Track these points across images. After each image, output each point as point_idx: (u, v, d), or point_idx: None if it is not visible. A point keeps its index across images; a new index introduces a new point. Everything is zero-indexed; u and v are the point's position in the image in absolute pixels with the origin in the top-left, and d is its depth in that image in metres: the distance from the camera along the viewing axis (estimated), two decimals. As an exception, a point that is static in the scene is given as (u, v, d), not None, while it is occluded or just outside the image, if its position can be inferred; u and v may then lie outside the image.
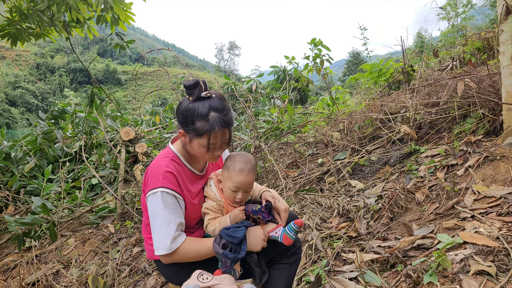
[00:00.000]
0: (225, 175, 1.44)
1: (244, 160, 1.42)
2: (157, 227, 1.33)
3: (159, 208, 1.33)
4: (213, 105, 1.33)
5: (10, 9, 3.93)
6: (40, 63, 75.89)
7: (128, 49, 4.73)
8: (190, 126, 1.34)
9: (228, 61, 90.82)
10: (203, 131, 1.32)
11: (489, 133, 2.83)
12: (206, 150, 1.36)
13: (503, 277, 1.40)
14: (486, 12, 19.30)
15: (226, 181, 1.43)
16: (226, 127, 1.34)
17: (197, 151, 1.40)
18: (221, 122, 1.32)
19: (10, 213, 3.88)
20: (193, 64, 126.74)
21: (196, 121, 1.32)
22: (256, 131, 4.35)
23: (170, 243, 1.31)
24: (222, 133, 1.34)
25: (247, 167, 1.41)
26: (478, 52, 4.92)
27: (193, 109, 1.32)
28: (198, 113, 1.31)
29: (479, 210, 2.00)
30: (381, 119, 3.73)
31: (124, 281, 2.57)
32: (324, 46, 5.44)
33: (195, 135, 1.34)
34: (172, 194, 1.35)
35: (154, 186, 1.35)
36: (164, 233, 1.32)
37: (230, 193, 1.42)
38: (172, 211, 1.35)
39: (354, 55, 38.10)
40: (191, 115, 1.33)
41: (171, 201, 1.35)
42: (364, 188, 2.96)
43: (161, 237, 1.32)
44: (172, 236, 1.32)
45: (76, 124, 5.40)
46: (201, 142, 1.35)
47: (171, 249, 1.31)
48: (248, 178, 1.41)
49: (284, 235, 1.39)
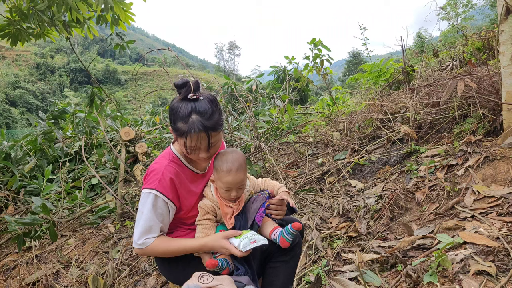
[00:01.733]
0: (215, 176, 1.43)
1: (231, 159, 1.39)
2: (141, 223, 1.38)
3: (147, 209, 1.37)
4: (197, 107, 1.31)
5: (10, 9, 3.93)
6: (40, 63, 75.87)
7: (128, 49, 4.73)
8: (173, 125, 1.36)
9: (228, 61, 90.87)
10: (181, 132, 1.32)
11: (489, 133, 2.83)
12: (185, 151, 1.37)
13: (503, 277, 1.40)
14: (486, 12, 19.32)
15: (217, 182, 1.42)
16: (204, 131, 1.30)
17: (184, 150, 1.39)
18: (199, 126, 1.29)
19: (10, 213, 3.88)
20: (193, 64, 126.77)
21: (177, 121, 1.33)
22: (256, 131, 4.35)
23: (145, 238, 1.37)
24: (199, 137, 1.31)
25: (234, 166, 1.38)
26: (478, 52, 4.92)
27: (177, 108, 1.33)
28: (179, 113, 1.32)
29: (479, 210, 2.00)
30: (381, 119, 3.73)
31: (124, 281, 2.57)
32: (324, 46, 5.44)
33: (176, 134, 1.36)
34: (163, 200, 1.38)
35: (149, 186, 1.38)
36: (145, 231, 1.37)
37: (223, 192, 1.42)
38: (158, 216, 1.39)
39: (354, 55, 38.08)
40: (174, 114, 1.34)
41: (160, 206, 1.38)
42: (364, 188, 2.96)
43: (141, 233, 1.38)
44: (150, 235, 1.38)
45: (76, 124, 5.39)
46: (181, 142, 1.35)
47: (144, 245, 1.38)
48: (237, 177, 1.38)
49: (281, 238, 1.39)
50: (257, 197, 1.48)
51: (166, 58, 5.36)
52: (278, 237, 1.40)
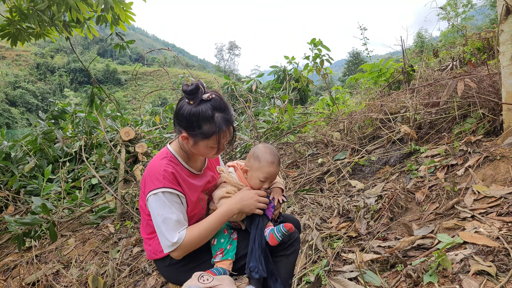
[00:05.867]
0: (255, 166, 1.48)
1: (273, 152, 1.48)
2: (165, 225, 1.33)
3: (163, 208, 1.34)
4: (216, 105, 1.35)
5: (10, 9, 3.92)
6: (40, 63, 75.82)
7: (128, 49, 4.73)
8: (197, 130, 1.35)
9: (228, 61, 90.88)
10: (211, 133, 1.35)
11: (489, 133, 2.83)
12: (216, 150, 1.41)
13: (503, 277, 1.40)
14: (486, 12, 19.31)
15: (256, 172, 1.47)
16: (231, 124, 1.39)
17: (203, 152, 1.43)
18: (226, 121, 1.36)
19: (10, 213, 3.88)
20: (193, 64, 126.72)
21: (202, 125, 1.34)
22: (256, 131, 4.35)
23: (178, 232, 1.34)
24: (226, 133, 1.39)
25: (276, 159, 1.48)
26: (478, 52, 4.92)
27: (198, 112, 1.33)
28: (203, 116, 1.33)
29: (479, 210, 1.99)
30: (381, 119, 3.73)
31: (124, 281, 2.57)
32: (324, 46, 5.44)
33: (203, 138, 1.36)
34: (175, 193, 1.37)
35: (155, 187, 1.35)
36: (174, 228, 1.34)
37: (258, 183, 1.48)
38: (177, 208, 1.37)
39: (354, 55, 38.07)
40: (196, 119, 1.34)
41: (174, 200, 1.37)
42: (364, 188, 2.96)
43: (172, 231, 1.33)
44: (177, 232, 1.34)
45: (76, 124, 5.40)
46: (209, 143, 1.38)
47: (180, 240, 1.33)
48: (277, 170, 1.49)
49: (271, 234, 1.43)
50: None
51: (166, 58, 5.37)
52: (268, 234, 1.44)
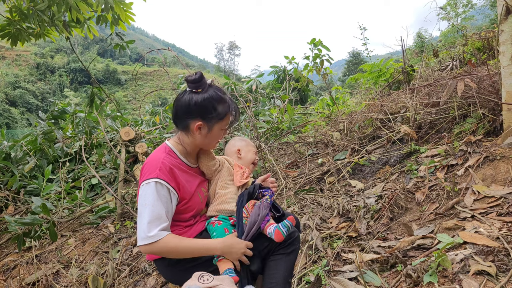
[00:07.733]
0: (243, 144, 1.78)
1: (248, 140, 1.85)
2: (146, 214, 1.32)
3: (151, 198, 1.33)
4: (220, 89, 1.49)
5: (10, 9, 3.92)
6: (40, 63, 75.79)
7: (128, 49, 4.73)
8: (213, 113, 1.45)
9: (228, 61, 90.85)
10: (224, 112, 1.47)
11: (489, 133, 2.83)
12: (224, 131, 1.53)
13: (503, 277, 1.40)
14: (486, 12, 19.31)
15: (247, 146, 1.77)
16: (233, 103, 1.53)
17: (216, 136, 1.51)
18: (231, 100, 1.51)
19: (10, 213, 3.88)
20: (193, 64, 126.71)
21: (217, 106, 1.45)
22: (256, 131, 4.35)
23: (158, 229, 1.31)
24: (235, 109, 1.53)
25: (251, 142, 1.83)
26: (478, 52, 4.92)
27: (211, 96, 1.44)
28: (216, 98, 1.45)
29: (479, 210, 1.99)
30: (381, 119, 3.73)
31: (124, 281, 2.57)
32: (324, 46, 5.44)
33: (218, 119, 1.47)
34: (166, 186, 1.37)
35: (149, 176, 1.37)
36: (154, 219, 1.32)
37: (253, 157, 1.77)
38: (164, 203, 1.36)
39: (354, 55, 38.07)
40: (210, 103, 1.44)
41: (163, 193, 1.36)
42: (364, 188, 2.96)
43: (151, 222, 1.31)
44: (162, 225, 1.33)
45: (76, 124, 5.40)
46: (222, 124, 1.49)
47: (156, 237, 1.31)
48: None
49: (276, 230, 1.43)
50: (261, 204, 1.52)
51: (166, 58, 5.37)
52: (273, 231, 1.43)
